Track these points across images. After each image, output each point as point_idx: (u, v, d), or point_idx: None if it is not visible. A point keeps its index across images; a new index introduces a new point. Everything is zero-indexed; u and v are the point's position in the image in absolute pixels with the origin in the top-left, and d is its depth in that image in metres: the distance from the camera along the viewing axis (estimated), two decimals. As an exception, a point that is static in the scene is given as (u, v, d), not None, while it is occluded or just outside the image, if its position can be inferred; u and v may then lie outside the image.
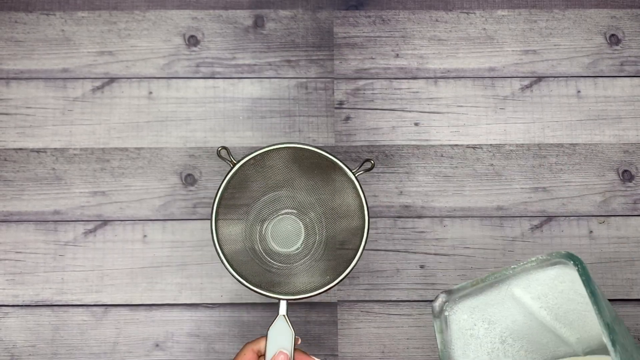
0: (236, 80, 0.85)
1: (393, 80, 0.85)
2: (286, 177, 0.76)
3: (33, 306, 0.80)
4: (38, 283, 0.81)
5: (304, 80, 0.85)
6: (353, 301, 0.80)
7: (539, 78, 0.85)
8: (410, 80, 0.85)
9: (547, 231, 0.82)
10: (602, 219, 0.82)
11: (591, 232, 0.82)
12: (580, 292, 0.64)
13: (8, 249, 0.81)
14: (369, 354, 0.79)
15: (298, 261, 0.76)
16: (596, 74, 0.85)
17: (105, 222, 0.82)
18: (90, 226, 0.82)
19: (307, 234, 0.77)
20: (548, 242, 0.81)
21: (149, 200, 0.82)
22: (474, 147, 0.84)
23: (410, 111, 0.85)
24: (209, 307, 0.80)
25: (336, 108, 0.85)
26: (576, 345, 0.69)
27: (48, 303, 0.80)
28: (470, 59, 0.86)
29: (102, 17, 0.86)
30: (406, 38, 0.86)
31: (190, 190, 0.83)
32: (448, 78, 0.85)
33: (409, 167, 0.83)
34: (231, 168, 0.71)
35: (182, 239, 0.82)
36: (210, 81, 0.85)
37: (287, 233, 0.77)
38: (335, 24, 0.87)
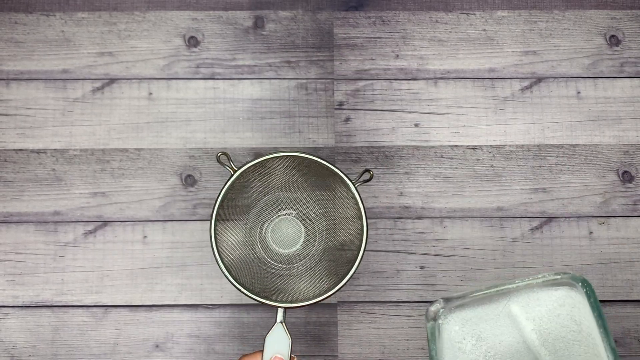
0: (236, 81, 0.85)
1: (393, 81, 0.85)
2: (286, 181, 0.76)
3: (33, 307, 0.80)
4: (38, 284, 0.81)
5: (304, 81, 0.85)
6: (353, 302, 0.80)
7: (539, 79, 0.85)
8: (410, 81, 0.85)
9: (547, 232, 0.82)
10: (602, 220, 0.82)
11: (591, 233, 0.82)
12: (576, 320, 0.64)
13: (8, 250, 0.81)
14: (369, 355, 0.79)
15: (298, 262, 0.76)
16: (596, 75, 0.85)
17: (105, 223, 0.82)
18: (90, 227, 0.82)
19: (307, 235, 0.77)
20: (548, 243, 0.81)
21: (149, 201, 0.82)
22: (474, 148, 0.84)
23: (410, 112, 0.85)
24: (209, 308, 0.80)
25: (336, 109, 0.84)
26: None
27: (48, 304, 0.80)
28: (470, 60, 0.86)
29: (102, 18, 0.86)
30: (406, 39, 0.86)
31: (190, 191, 0.83)
32: (448, 79, 0.85)
33: (409, 168, 0.83)
34: (231, 175, 0.71)
35: (182, 240, 0.82)
36: (210, 82, 0.85)
37: (287, 234, 0.77)
38: (335, 25, 0.87)
